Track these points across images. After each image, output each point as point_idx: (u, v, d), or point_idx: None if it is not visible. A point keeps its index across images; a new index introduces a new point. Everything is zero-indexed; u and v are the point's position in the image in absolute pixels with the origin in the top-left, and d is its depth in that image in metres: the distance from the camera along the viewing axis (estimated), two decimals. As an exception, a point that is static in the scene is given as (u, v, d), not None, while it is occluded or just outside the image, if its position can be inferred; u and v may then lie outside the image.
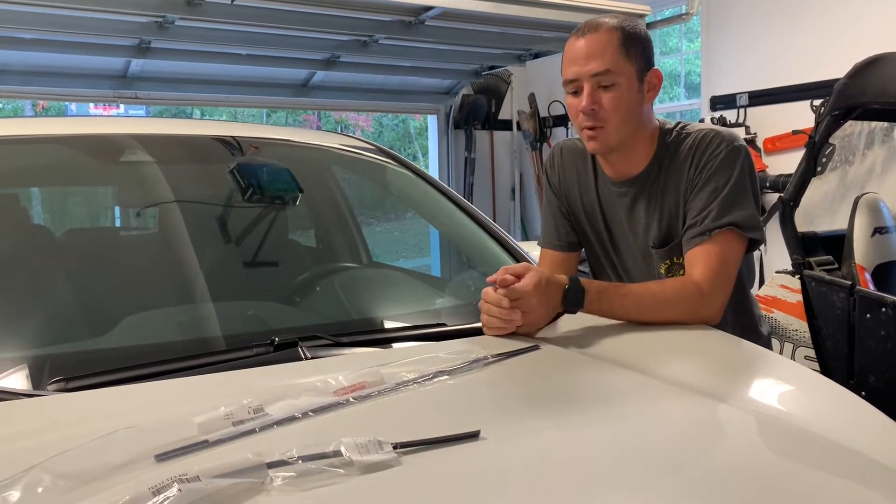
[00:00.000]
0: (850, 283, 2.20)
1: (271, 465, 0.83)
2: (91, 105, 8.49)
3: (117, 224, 2.38)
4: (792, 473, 0.95)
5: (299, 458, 0.84)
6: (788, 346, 2.46)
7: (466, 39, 4.76)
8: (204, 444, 0.87)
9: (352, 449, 0.87)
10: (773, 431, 1.05)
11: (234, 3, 3.61)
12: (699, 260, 1.46)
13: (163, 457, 0.84)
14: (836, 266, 2.40)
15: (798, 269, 2.39)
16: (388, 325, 1.51)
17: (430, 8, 4.03)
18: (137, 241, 1.96)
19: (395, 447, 0.90)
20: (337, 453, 0.86)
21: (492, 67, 5.68)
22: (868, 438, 1.03)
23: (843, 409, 1.14)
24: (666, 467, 0.94)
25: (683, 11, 4.53)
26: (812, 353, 2.34)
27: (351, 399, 1.03)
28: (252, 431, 0.92)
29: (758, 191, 1.55)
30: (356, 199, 2.46)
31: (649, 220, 1.58)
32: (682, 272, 1.52)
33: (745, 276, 1.63)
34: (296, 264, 1.99)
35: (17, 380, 1.17)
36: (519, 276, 1.36)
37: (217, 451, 0.87)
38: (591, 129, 1.50)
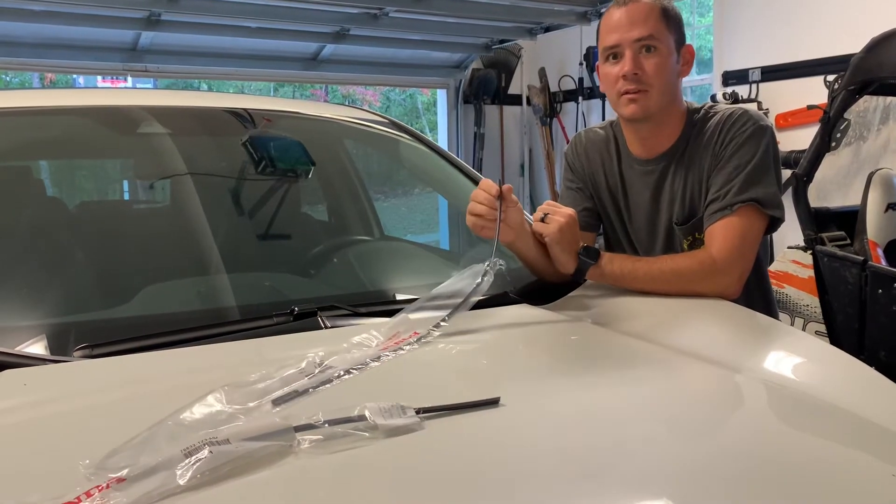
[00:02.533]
0: (862, 258, 2.20)
1: (299, 429, 0.85)
2: (99, 78, 8.48)
3: (134, 196, 2.39)
4: (807, 442, 0.97)
5: (325, 422, 0.86)
6: (799, 322, 2.47)
7: (477, 12, 4.73)
8: (293, 395, 0.96)
9: (376, 413, 0.89)
10: (787, 401, 1.07)
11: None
12: (718, 234, 1.47)
13: (279, 400, 0.94)
14: (849, 242, 2.40)
15: (810, 244, 2.39)
16: (403, 296, 1.52)
17: (440, -20, 4.01)
18: (154, 213, 1.97)
19: (417, 412, 0.91)
20: (362, 417, 0.88)
21: (502, 41, 5.64)
22: (882, 408, 1.05)
23: (859, 381, 1.16)
24: (685, 433, 0.96)
25: (697, -15, 4.48)
26: (823, 328, 2.35)
27: (407, 347, 1.13)
28: (329, 381, 1.01)
29: (780, 171, 1.56)
30: (368, 173, 2.47)
31: (674, 196, 1.59)
32: (703, 247, 1.52)
33: (762, 257, 1.64)
34: (310, 237, 2.00)
35: (44, 346, 1.19)
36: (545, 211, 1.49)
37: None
38: (632, 92, 1.52)
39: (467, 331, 1.25)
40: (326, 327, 1.28)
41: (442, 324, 1.22)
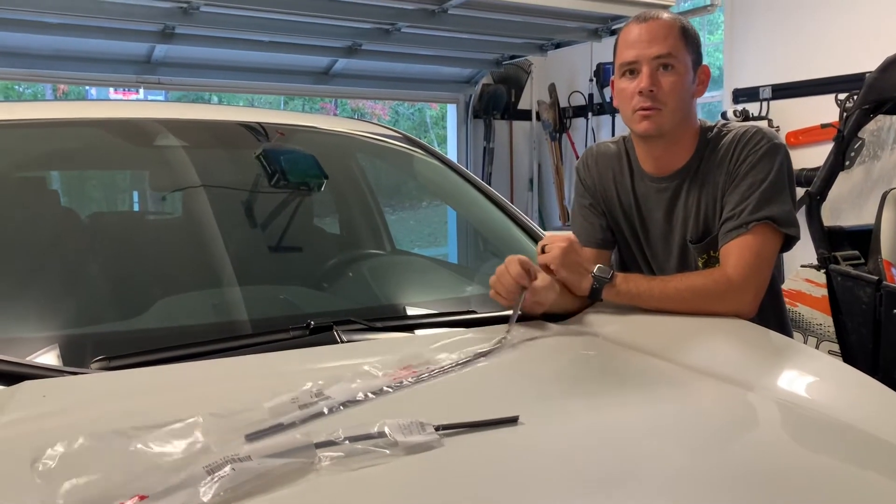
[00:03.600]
0: (877, 278, 2.19)
1: (319, 446, 0.85)
2: (111, 90, 8.54)
3: (148, 208, 2.40)
4: (823, 462, 0.96)
5: (346, 438, 0.86)
6: (812, 341, 2.45)
7: (489, 28, 4.75)
8: (279, 428, 0.90)
9: (396, 430, 0.89)
10: (805, 420, 1.06)
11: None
12: (733, 252, 1.47)
13: (252, 437, 0.87)
14: (862, 261, 2.39)
15: (824, 263, 2.39)
16: (419, 311, 1.52)
17: (453, -4, 4.03)
18: (169, 226, 1.98)
19: (436, 429, 0.91)
20: (381, 434, 0.88)
21: (512, 57, 5.66)
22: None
23: (875, 399, 1.15)
24: (702, 453, 0.95)
25: (707, 3, 4.50)
26: (836, 347, 2.33)
27: (405, 382, 1.06)
28: (320, 414, 0.95)
29: (795, 189, 1.56)
30: (380, 186, 2.48)
31: (688, 214, 1.58)
32: (719, 265, 1.52)
33: (776, 276, 1.64)
34: (324, 250, 2.01)
35: (60, 358, 1.19)
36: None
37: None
38: (647, 109, 1.52)
39: (482, 347, 1.25)
40: (343, 342, 1.28)
41: (446, 370, 1.15)
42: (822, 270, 2.40)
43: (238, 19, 4.21)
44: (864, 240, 2.52)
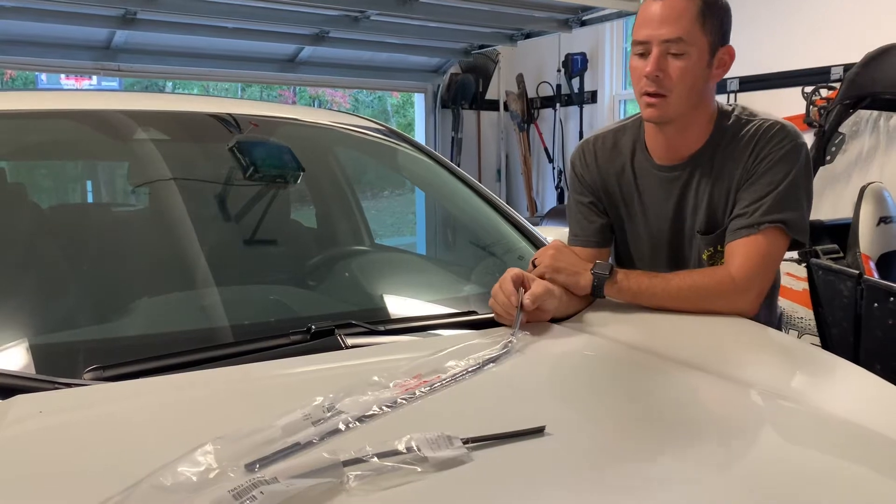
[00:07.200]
0: (857, 272, 2.21)
1: (347, 464, 0.81)
2: (62, 76, 8.24)
3: (117, 203, 2.31)
4: (841, 468, 0.95)
5: (374, 455, 0.82)
6: (793, 334, 2.48)
7: (459, 17, 4.70)
8: (296, 448, 0.85)
9: (424, 445, 0.86)
10: (826, 426, 1.05)
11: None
12: (740, 252, 1.44)
13: (268, 460, 0.82)
14: (842, 255, 2.42)
15: (804, 257, 2.41)
16: (421, 312, 1.48)
17: (426, -16, 3.97)
18: (149, 226, 1.89)
19: (464, 442, 0.88)
20: (410, 450, 0.85)
21: (482, 47, 5.62)
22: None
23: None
24: (728, 464, 0.94)
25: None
26: (817, 340, 2.36)
27: (419, 392, 1.02)
28: (336, 431, 0.90)
29: (811, 192, 1.52)
30: (363, 181, 2.42)
31: (698, 204, 1.54)
32: (723, 261, 1.50)
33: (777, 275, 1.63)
34: (308, 247, 1.96)
35: (50, 367, 1.12)
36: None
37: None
38: (652, 95, 1.46)
39: (489, 352, 1.21)
40: (346, 347, 1.23)
41: (458, 378, 1.11)
42: (803, 264, 2.42)
43: (203, 5, 4.09)
44: (842, 233, 2.56)
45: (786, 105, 4.14)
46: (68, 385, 1.04)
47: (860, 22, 4.02)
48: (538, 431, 0.94)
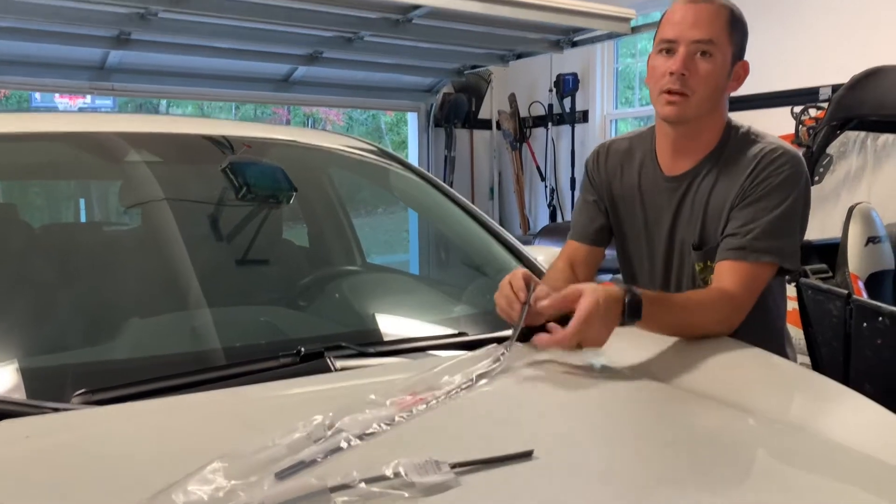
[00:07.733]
0: (846, 292, 2.23)
1: (334, 490, 0.81)
2: (56, 95, 8.27)
3: (113, 225, 2.31)
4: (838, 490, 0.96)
5: (361, 480, 0.83)
6: (784, 353, 2.49)
7: (452, 38, 4.74)
8: (302, 465, 0.87)
9: (411, 470, 0.86)
10: (818, 449, 1.06)
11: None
12: (733, 272, 1.44)
13: (282, 474, 0.84)
14: (831, 275, 2.44)
15: (794, 277, 2.42)
16: (410, 334, 1.48)
17: (418, 6, 4.00)
18: (140, 248, 1.90)
19: (452, 467, 0.88)
20: (397, 475, 0.85)
21: (474, 67, 5.67)
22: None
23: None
24: (722, 489, 0.94)
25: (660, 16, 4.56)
26: (807, 360, 2.37)
27: (415, 410, 1.04)
28: (339, 449, 0.92)
29: (807, 218, 1.53)
30: (357, 201, 2.44)
31: (694, 216, 1.54)
32: (712, 276, 1.51)
33: (780, 300, 1.63)
34: (300, 267, 1.96)
35: (39, 390, 1.12)
36: (573, 301, 1.28)
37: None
38: (674, 93, 1.47)
39: (481, 367, 1.22)
40: (336, 370, 1.24)
41: (452, 395, 1.13)
42: (793, 284, 2.44)
43: (197, 26, 4.12)
44: (831, 253, 2.57)
45: (775, 124, 4.18)
46: (56, 410, 1.03)
47: (849, 43, 4.08)
48: (526, 456, 0.94)
